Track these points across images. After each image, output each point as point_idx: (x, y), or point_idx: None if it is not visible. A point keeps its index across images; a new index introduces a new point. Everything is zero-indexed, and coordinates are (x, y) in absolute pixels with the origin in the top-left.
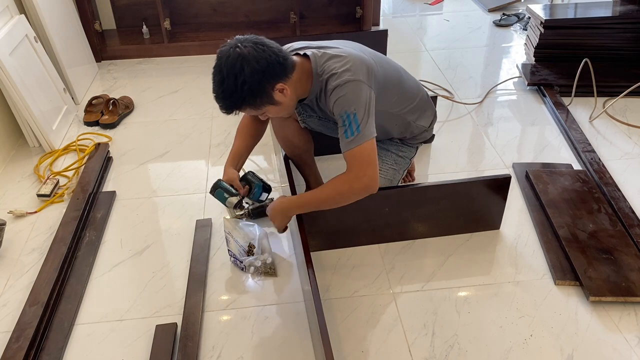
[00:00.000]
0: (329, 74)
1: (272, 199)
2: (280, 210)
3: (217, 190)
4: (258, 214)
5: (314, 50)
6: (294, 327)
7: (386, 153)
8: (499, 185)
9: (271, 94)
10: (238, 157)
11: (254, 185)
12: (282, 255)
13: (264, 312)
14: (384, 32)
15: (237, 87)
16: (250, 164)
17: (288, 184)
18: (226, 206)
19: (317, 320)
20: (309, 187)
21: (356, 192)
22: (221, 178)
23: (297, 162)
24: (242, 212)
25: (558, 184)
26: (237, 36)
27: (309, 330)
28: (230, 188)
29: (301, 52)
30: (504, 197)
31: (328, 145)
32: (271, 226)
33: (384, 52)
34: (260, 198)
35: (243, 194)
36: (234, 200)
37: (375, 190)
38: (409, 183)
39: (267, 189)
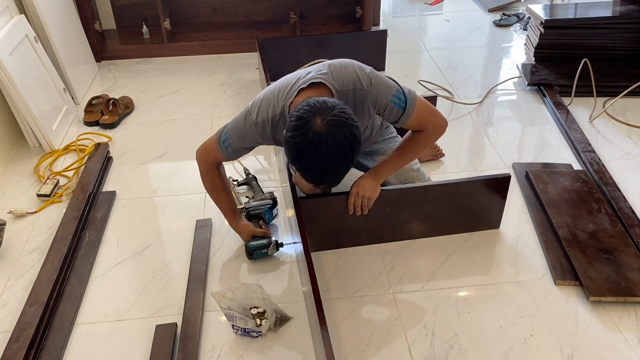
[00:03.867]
0: (350, 87)
1: (270, 241)
2: (371, 178)
3: (254, 253)
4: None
5: (320, 75)
6: (294, 327)
7: (384, 148)
8: (499, 185)
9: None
10: (232, 211)
11: (263, 213)
12: (282, 256)
13: None
14: (384, 32)
15: (354, 153)
16: (251, 164)
17: (288, 184)
18: (270, 255)
19: (318, 320)
20: None
21: (437, 139)
22: (245, 241)
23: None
24: (239, 207)
25: (558, 184)
26: (302, 109)
27: (309, 330)
28: (261, 242)
29: (312, 81)
30: (504, 196)
31: None
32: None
33: (384, 52)
34: (273, 215)
35: (269, 235)
36: (273, 249)
37: (447, 123)
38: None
39: (273, 204)
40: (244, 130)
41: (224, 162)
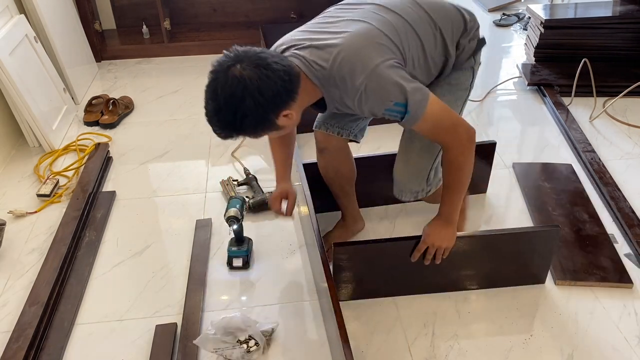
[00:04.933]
0: (337, 77)
1: (270, 192)
2: (446, 224)
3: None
4: (259, 206)
5: (298, 51)
6: (294, 327)
7: (434, 87)
8: (487, 152)
9: (275, 122)
10: (285, 165)
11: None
12: (282, 258)
13: (264, 312)
14: None
15: (236, 120)
16: (251, 164)
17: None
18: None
19: (336, 322)
20: (343, 219)
21: (470, 155)
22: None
23: (335, 191)
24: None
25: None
26: (236, 48)
27: (309, 330)
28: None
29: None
30: (490, 163)
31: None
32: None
33: None
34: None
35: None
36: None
37: (474, 132)
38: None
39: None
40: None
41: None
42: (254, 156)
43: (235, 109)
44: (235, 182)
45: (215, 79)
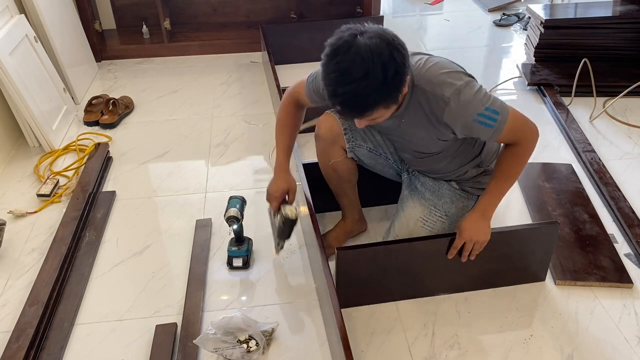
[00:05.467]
0: (433, 83)
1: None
2: (482, 218)
3: (233, 260)
4: (290, 228)
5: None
6: (294, 327)
7: (438, 199)
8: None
9: (401, 93)
10: (286, 152)
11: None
12: (283, 257)
13: (264, 312)
14: (381, 18)
15: (387, 79)
16: (250, 164)
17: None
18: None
19: (336, 322)
20: (343, 219)
21: (533, 149)
22: (270, 192)
23: (335, 191)
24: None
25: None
26: (348, 27)
27: (309, 330)
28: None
29: None
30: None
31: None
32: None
33: None
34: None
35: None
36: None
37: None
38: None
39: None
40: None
41: (305, 103)
42: (254, 156)
43: (384, 66)
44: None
45: (348, 48)
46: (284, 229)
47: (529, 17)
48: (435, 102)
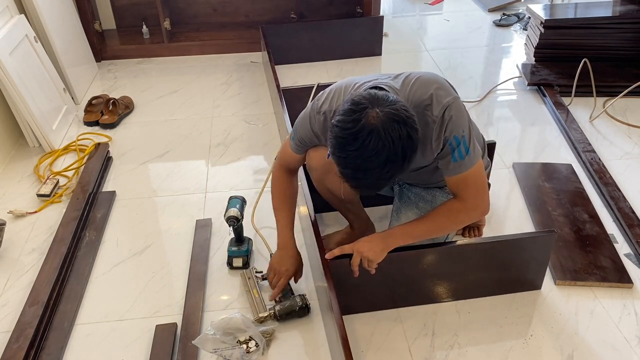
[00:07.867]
0: (418, 104)
1: (301, 295)
2: (382, 239)
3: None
4: (287, 315)
5: (385, 81)
6: (294, 328)
7: (431, 207)
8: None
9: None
10: (289, 227)
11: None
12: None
13: None
14: (380, 18)
15: (406, 159)
16: (250, 164)
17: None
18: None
19: (336, 322)
20: (351, 227)
21: (473, 219)
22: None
23: (339, 210)
24: (265, 315)
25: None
26: (360, 96)
27: (309, 330)
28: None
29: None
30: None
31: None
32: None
33: (380, 37)
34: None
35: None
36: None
37: (488, 212)
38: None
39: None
40: (308, 117)
41: (295, 168)
42: (253, 156)
43: (404, 150)
44: (259, 276)
45: (368, 133)
46: (286, 316)
47: (529, 17)
48: (425, 121)
